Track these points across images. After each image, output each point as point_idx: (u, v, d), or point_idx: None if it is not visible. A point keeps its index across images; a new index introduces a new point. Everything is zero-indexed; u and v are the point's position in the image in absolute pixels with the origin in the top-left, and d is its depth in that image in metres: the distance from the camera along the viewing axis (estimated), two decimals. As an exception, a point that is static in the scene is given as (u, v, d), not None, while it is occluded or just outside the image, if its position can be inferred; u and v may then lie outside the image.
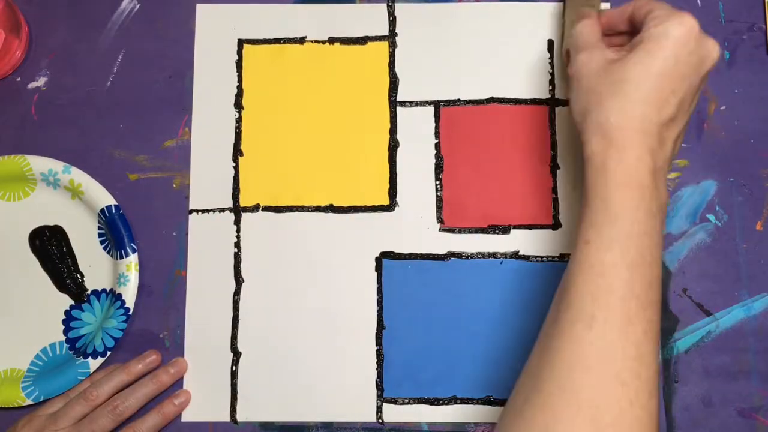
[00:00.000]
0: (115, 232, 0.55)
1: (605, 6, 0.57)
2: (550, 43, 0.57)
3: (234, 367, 0.54)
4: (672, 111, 0.42)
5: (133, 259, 0.54)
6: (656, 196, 0.40)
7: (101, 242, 0.56)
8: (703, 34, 0.43)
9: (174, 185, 0.57)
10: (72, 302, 0.55)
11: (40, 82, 0.58)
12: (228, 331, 0.55)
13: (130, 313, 0.54)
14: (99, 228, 0.56)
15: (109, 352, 0.53)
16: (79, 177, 0.55)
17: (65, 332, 0.55)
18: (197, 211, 0.56)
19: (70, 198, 0.56)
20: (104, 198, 0.55)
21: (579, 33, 0.46)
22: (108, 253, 0.56)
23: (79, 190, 0.55)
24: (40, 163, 0.55)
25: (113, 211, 0.55)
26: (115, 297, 0.54)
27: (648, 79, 0.41)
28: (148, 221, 0.56)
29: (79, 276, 0.55)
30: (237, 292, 0.55)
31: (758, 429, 0.53)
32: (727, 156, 0.56)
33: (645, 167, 0.40)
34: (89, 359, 0.53)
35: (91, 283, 0.56)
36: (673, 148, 0.43)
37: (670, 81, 0.42)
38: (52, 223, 0.56)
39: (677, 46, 0.42)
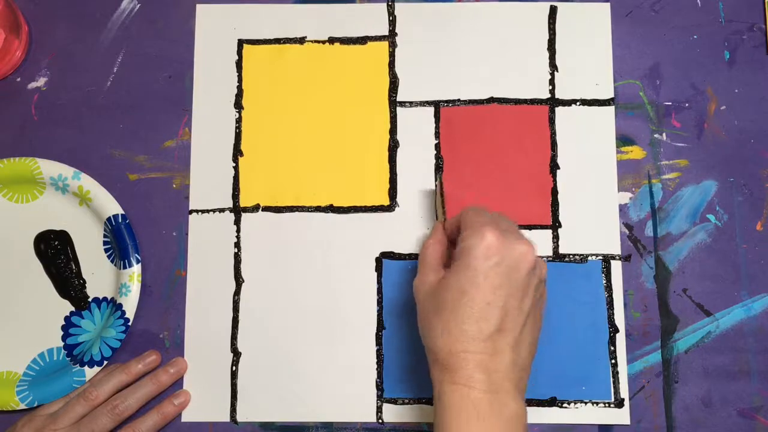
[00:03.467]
0: (120, 242, 0.54)
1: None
2: (550, 43, 0.57)
3: (234, 367, 0.54)
4: (494, 322, 0.43)
5: (136, 269, 0.54)
6: (497, 410, 0.42)
7: (106, 250, 0.56)
8: (510, 241, 0.43)
9: (174, 185, 0.57)
10: (72, 308, 0.55)
11: (40, 82, 0.58)
12: (228, 331, 0.55)
13: (129, 324, 0.54)
14: (104, 236, 0.56)
15: (105, 362, 0.53)
16: (88, 184, 0.55)
17: (64, 338, 0.55)
18: (197, 211, 0.56)
19: (77, 204, 0.56)
20: (112, 206, 0.55)
21: (422, 255, 0.48)
22: (112, 261, 0.56)
23: (87, 197, 0.55)
24: (50, 168, 0.55)
25: (120, 220, 0.55)
26: (115, 306, 0.54)
27: (459, 297, 0.43)
28: (148, 221, 0.56)
29: (81, 282, 0.55)
30: (237, 292, 0.55)
31: (758, 429, 0.53)
32: (727, 156, 0.56)
33: (477, 385, 0.42)
34: (85, 367, 0.53)
35: (93, 290, 0.55)
36: (516, 353, 0.43)
37: (482, 294, 0.43)
38: (58, 228, 0.56)
39: (479, 261, 0.43)
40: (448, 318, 0.43)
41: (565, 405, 0.53)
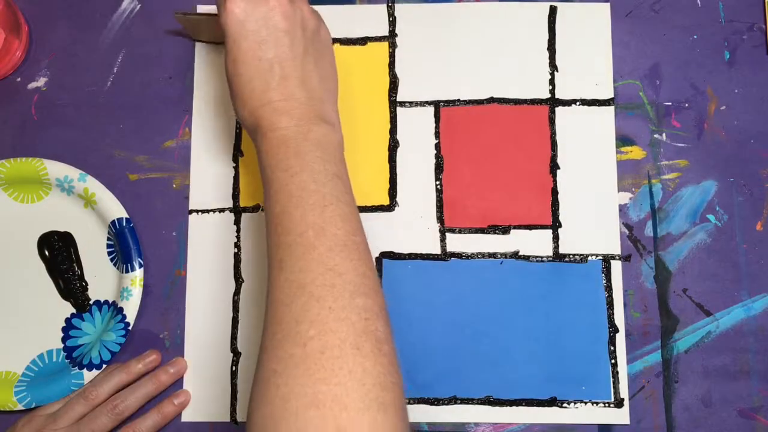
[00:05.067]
0: (123, 245, 0.54)
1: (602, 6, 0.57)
2: (550, 43, 0.57)
3: (234, 367, 0.54)
4: (275, 72, 0.45)
5: (138, 274, 0.54)
6: (302, 137, 0.44)
7: (109, 253, 0.56)
8: (260, 0, 0.46)
9: (174, 185, 0.57)
10: (74, 310, 0.55)
11: (40, 82, 0.58)
12: (228, 331, 0.55)
13: (130, 328, 0.54)
14: (108, 239, 0.56)
15: (104, 365, 0.53)
16: (94, 186, 0.55)
17: (64, 340, 0.55)
18: (197, 211, 0.56)
19: (82, 206, 0.56)
20: (116, 210, 0.55)
21: None
22: (114, 265, 0.56)
23: (93, 199, 0.55)
24: (56, 169, 0.55)
25: (124, 224, 0.55)
26: (116, 310, 0.54)
27: (234, 67, 0.46)
28: (148, 221, 0.56)
29: (83, 284, 0.55)
30: (237, 292, 0.55)
31: (758, 429, 0.53)
32: (727, 156, 0.56)
33: (281, 124, 0.45)
34: (84, 370, 0.53)
35: (95, 293, 0.55)
36: (306, 90, 0.46)
37: (250, 55, 0.46)
38: (62, 229, 0.56)
39: (231, 29, 0.46)
40: (237, 88, 0.46)
41: (565, 405, 0.53)
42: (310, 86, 0.47)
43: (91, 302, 0.55)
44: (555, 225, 0.55)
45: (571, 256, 0.55)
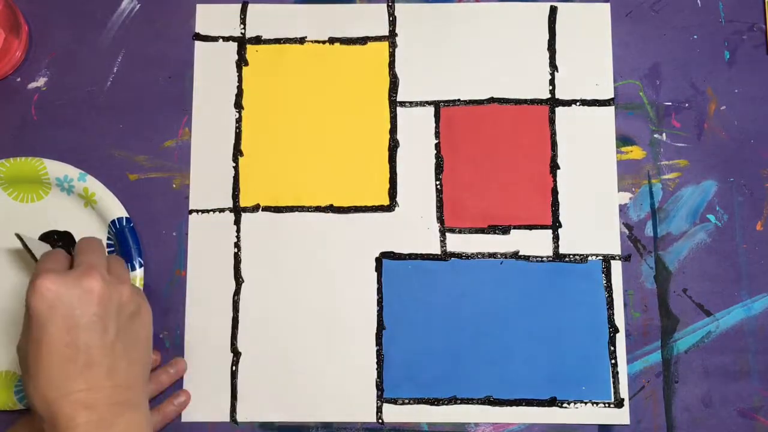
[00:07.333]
0: (123, 245, 0.54)
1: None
2: (550, 43, 0.57)
3: (234, 367, 0.54)
4: (80, 360, 0.43)
5: (138, 273, 0.54)
6: (107, 424, 0.43)
7: (109, 253, 0.56)
8: (69, 281, 0.43)
9: (174, 185, 0.57)
10: None
11: (40, 82, 0.58)
12: (228, 331, 0.55)
13: None
14: (108, 239, 0.56)
15: None
16: (94, 186, 0.55)
17: None
18: (197, 211, 0.56)
19: (82, 206, 0.56)
20: (116, 209, 0.55)
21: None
22: None
23: (93, 199, 0.55)
24: (56, 168, 0.55)
25: (123, 224, 0.54)
26: None
27: (36, 349, 0.43)
28: (148, 221, 0.56)
29: None
30: (237, 292, 0.55)
31: (758, 429, 0.53)
32: (727, 156, 0.56)
33: (81, 420, 0.42)
34: None
35: None
36: (113, 379, 0.44)
37: (57, 339, 0.43)
38: (62, 229, 0.56)
39: (39, 310, 0.43)
40: (34, 372, 0.43)
41: (565, 405, 0.53)
42: (117, 373, 0.44)
43: (91, 302, 0.55)
44: (555, 225, 0.55)
45: (571, 256, 0.55)
